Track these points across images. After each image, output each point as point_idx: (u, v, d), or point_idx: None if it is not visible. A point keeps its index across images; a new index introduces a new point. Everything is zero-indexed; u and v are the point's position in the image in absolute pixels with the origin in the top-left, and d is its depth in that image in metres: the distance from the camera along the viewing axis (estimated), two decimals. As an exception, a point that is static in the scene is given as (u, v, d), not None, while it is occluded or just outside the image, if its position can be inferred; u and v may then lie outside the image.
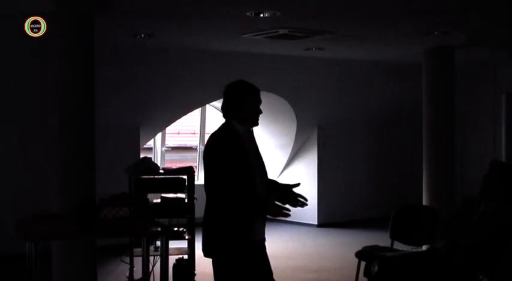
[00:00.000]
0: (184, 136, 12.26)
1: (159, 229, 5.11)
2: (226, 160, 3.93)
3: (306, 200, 4.17)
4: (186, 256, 6.80)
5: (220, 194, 3.94)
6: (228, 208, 3.95)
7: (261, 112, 4.16)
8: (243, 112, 4.08)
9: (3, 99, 8.09)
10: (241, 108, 4.07)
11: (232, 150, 3.97)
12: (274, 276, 4.17)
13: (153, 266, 6.05)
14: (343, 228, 11.02)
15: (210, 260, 4.15)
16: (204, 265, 7.61)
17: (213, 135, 4.10)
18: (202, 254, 4.15)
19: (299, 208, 4.21)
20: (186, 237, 6.79)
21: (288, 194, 4.18)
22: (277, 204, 4.01)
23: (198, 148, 11.77)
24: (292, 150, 11.41)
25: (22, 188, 8.26)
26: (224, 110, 4.14)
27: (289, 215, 3.97)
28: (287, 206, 4.08)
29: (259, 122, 4.17)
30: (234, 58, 9.36)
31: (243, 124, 4.09)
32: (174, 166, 8.91)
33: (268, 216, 4.07)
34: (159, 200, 6.93)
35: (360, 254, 5.99)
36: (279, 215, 3.98)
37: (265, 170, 4.21)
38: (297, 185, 4.20)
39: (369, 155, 12.00)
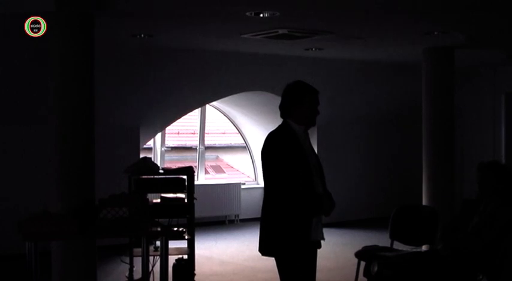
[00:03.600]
0: (184, 136, 12.26)
1: (159, 229, 5.11)
2: (286, 159, 3.97)
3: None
4: (186, 256, 6.80)
5: (280, 192, 3.97)
6: (288, 205, 3.97)
7: (318, 113, 4.22)
8: (301, 113, 4.13)
9: (3, 99, 8.09)
10: (299, 109, 4.13)
11: (290, 149, 4.01)
12: (275, 276, 4.17)
13: (153, 266, 6.04)
14: (343, 228, 11.02)
15: (210, 260, 4.15)
16: (204, 265, 7.64)
17: (272, 135, 4.15)
18: (201, 254, 4.15)
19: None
20: (186, 237, 6.78)
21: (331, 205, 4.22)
22: (330, 202, 4.12)
23: (197, 148, 11.76)
24: (292, 150, 11.39)
25: (22, 188, 8.26)
26: (282, 109, 4.20)
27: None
28: None
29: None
30: (234, 58, 9.37)
31: (301, 124, 4.14)
32: (174, 166, 8.92)
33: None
34: (159, 200, 6.93)
35: (360, 254, 5.98)
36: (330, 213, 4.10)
37: (322, 170, 4.28)
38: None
39: (368, 155, 12.00)
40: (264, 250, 4.12)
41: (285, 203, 3.98)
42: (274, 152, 4.04)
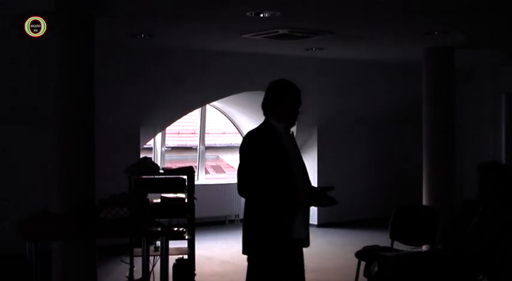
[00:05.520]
0: (184, 136, 12.27)
1: (159, 229, 5.11)
2: (261, 155, 3.96)
3: (336, 201, 4.16)
4: (186, 256, 6.80)
5: (254, 189, 3.96)
6: (264, 201, 3.96)
7: (298, 113, 4.20)
8: (283, 111, 4.12)
9: (3, 99, 8.09)
10: (280, 108, 4.12)
11: (268, 146, 4.00)
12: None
13: (153, 266, 6.05)
14: (343, 228, 11.02)
15: (210, 260, 4.15)
16: (204, 265, 7.64)
17: (251, 132, 4.15)
18: (202, 254, 4.16)
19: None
20: (186, 237, 6.78)
21: (323, 197, 4.18)
22: (313, 198, 4.08)
23: (198, 148, 11.77)
24: (292, 150, 11.39)
25: (22, 188, 8.26)
26: (264, 107, 4.19)
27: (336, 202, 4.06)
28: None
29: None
30: (234, 58, 9.36)
31: (282, 122, 4.13)
32: (174, 166, 8.92)
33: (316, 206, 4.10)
34: (159, 200, 6.93)
35: (360, 254, 5.98)
36: (326, 204, 4.10)
37: (306, 170, 4.23)
38: (331, 188, 4.17)
39: (368, 155, 12.01)
40: (244, 248, 4.10)
41: (260, 199, 3.97)
42: (249, 148, 4.03)
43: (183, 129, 12.18)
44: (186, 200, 6.83)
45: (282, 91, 4.17)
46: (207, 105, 11.43)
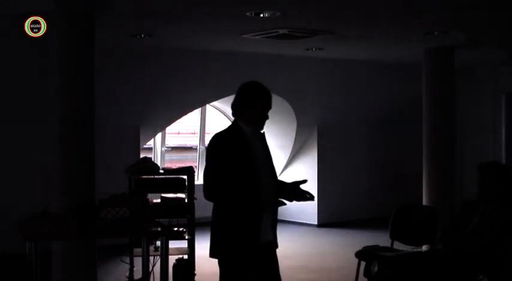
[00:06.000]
0: (184, 136, 12.27)
1: (159, 229, 5.11)
2: (227, 157, 3.93)
3: (312, 196, 4.15)
4: (186, 256, 6.80)
5: (219, 190, 3.95)
6: (227, 202, 3.96)
7: (267, 118, 4.16)
8: (251, 115, 4.09)
9: (3, 99, 8.09)
10: (248, 111, 4.09)
11: (234, 148, 3.97)
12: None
13: (153, 266, 6.05)
14: (343, 228, 11.02)
15: (210, 260, 4.15)
16: (204, 265, 7.63)
17: (218, 134, 4.13)
18: (202, 254, 4.15)
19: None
20: (186, 237, 6.78)
21: (296, 191, 4.16)
22: (295, 188, 4.06)
23: (198, 148, 11.77)
24: (292, 150, 11.41)
25: (22, 188, 8.25)
26: (233, 109, 4.18)
27: (312, 197, 4.05)
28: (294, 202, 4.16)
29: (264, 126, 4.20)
30: (234, 58, 9.36)
31: (250, 125, 4.10)
32: (174, 166, 8.92)
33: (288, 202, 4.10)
34: (159, 200, 6.93)
35: (360, 254, 5.98)
36: (302, 199, 4.05)
37: (274, 172, 4.21)
38: (304, 181, 4.17)
39: (369, 155, 12.01)
40: (211, 251, 4.10)
41: (227, 201, 3.96)
42: (215, 149, 4.01)
43: (183, 129, 12.18)
44: (186, 200, 6.83)
45: (252, 95, 4.11)
46: (207, 105, 11.43)
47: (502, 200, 5.14)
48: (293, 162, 11.63)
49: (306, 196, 4.13)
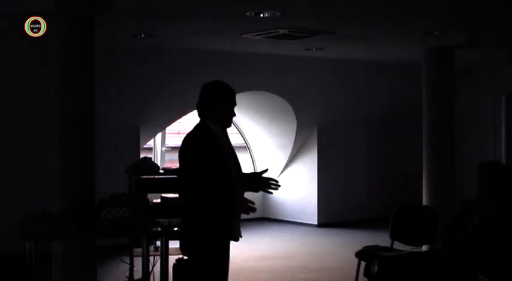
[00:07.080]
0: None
1: (159, 229, 5.11)
2: (205, 159, 3.96)
3: (277, 181, 4.23)
4: (186, 256, 6.79)
5: (198, 192, 3.97)
6: (210, 203, 3.98)
7: (234, 115, 4.21)
8: (216, 114, 4.13)
9: (3, 99, 8.09)
10: (211, 111, 4.12)
11: (209, 150, 4.01)
12: (275, 276, 4.18)
13: (153, 266, 6.04)
14: (343, 228, 11.02)
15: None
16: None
17: (189, 135, 4.14)
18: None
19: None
20: (186, 237, 6.77)
21: (260, 181, 4.23)
22: (244, 199, 4.06)
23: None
24: (292, 150, 11.41)
25: (22, 188, 8.25)
26: (198, 110, 4.19)
27: (254, 209, 4.04)
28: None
29: (231, 121, 4.27)
30: (234, 58, 9.37)
31: (217, 124, 4.14)
32: (174, 166, 8.91)
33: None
34: (159, 200, 6.93)
35: (360, 254, 5.99)
36: (246, 210, 4.04)
37: (240, 168, 4.28)
38: (265, 171, 4.28)
39: (368, 155, 12.01)
40: (184, 250, 4.15)
41: (207, 201, 3.98)
42: (192, 152, 4.02)
43: (183, 130, 12.16)
44: (186, 200, 6.82)
45: (215, 94, 4.15)
46: (207, 105, 11.41)
47: (502, 200, 5.14)
48: (293, 162, 11.64)
49: (272, 184, 4.20)
